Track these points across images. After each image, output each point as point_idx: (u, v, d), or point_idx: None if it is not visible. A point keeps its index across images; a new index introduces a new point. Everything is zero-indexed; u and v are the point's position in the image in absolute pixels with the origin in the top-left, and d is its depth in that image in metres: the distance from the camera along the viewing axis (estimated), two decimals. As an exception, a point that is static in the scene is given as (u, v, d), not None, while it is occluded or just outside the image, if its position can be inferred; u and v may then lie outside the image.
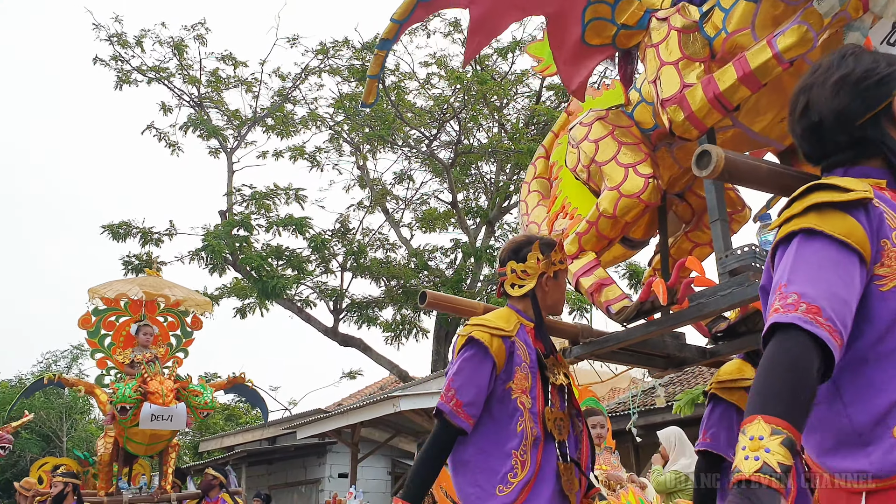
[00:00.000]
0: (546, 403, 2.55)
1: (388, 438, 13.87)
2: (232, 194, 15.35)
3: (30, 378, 28.05)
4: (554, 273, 2.69)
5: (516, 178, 16.20)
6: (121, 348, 8.25)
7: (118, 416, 7.18)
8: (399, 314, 16.21)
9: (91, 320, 8.31)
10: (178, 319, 8.75)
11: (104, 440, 7.97)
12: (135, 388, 7.18)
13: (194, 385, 7.56)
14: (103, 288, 8.45)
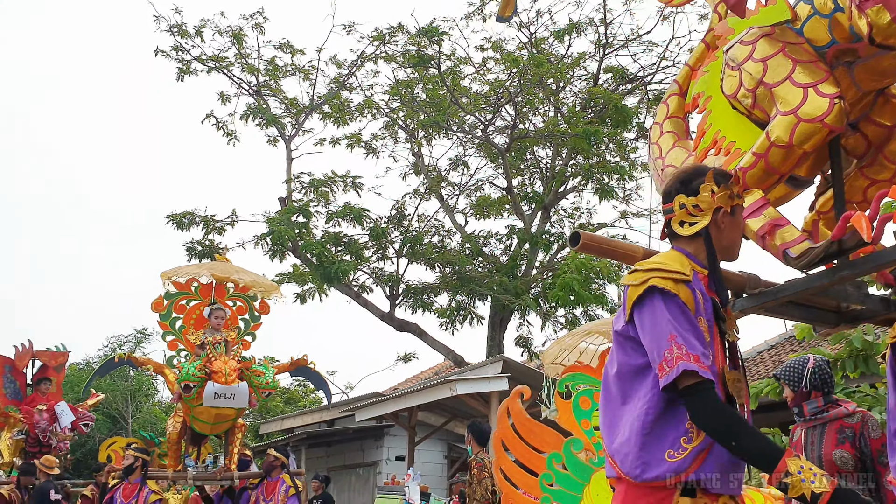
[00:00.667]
0: (724, 361, 2.25)
1: (445, 422, 13.95)
2: (291, 182, 15.57)
3: (96, 361, 28.99)
4: (731, 208, 2.33)
5: (572, 163, 16.06)
6: (192, 330, 8.48)
7: (183, 395, 7.38)
8: (454, 300, 16.25)
9: (163, 303, 8.56)
10: (247, 304, 8.97)
11: (173, 419, 8.24)
12: (199, 367, 7.34)
13: (257, 365, 7.72)
14: (175, 272, 8.71)
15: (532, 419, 5.17)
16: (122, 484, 7.70)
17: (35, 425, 11.15)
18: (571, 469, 4.95)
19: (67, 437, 11.54)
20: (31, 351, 12.03)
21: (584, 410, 5.37)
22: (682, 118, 3.36)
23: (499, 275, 14.96)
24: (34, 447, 11.39)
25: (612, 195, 15.73)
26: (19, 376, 11.87)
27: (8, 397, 11.60)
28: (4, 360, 11.86)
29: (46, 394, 11.72)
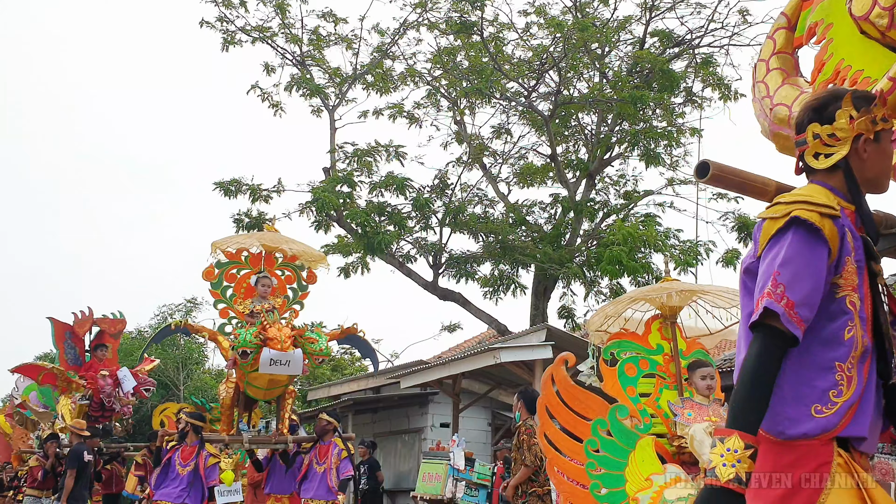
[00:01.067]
0: (873, 306, 2.03)
1: (488, 390, 14.01)
2: (335, 152, 15.63)
3: (148, 330, 29.71)
4: (875, 134, 2.09)
5: (618, 129, 15.80)
6: (241, 299, 8.62)
7: (239, 361, 7.49)
8: (497, 269, 16.23)
9: (214, 272, 8.69)
10: (295, 273, 9.08)
11: (226, 385, 8.40)
12: (255, 333, 7.43)
13: (310, 333, 7.79)
14: (225, 242, 8.85)
15: (577, 386, 5.16)
16: (181, 447, 7.94)
17: (100, 390, 11.43)
18: (617, 435, 4.94)
19: (130, 402, 11.84)
20: (92, 318, 12.32)
21: (629, 377, 5.35)
22: (791, 53, 3.10)
23: (542, 244, 14.87)
24: (97, 411, 11.66)
25: (658, 162, 15.46)
26: (79, 342, 12.17)
27: (69, 363, 11.93)
28: (65, 327, 12.16)
29: (103, 360, 11.99)
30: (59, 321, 12.12)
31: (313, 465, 8.10)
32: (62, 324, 12.15)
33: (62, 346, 11.90)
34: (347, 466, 8.07)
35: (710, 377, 5.31)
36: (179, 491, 7.70)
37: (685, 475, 4.83)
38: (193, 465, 7.79)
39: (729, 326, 5.79)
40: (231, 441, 8.07)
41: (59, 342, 11.86)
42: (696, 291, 5.60)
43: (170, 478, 7.84)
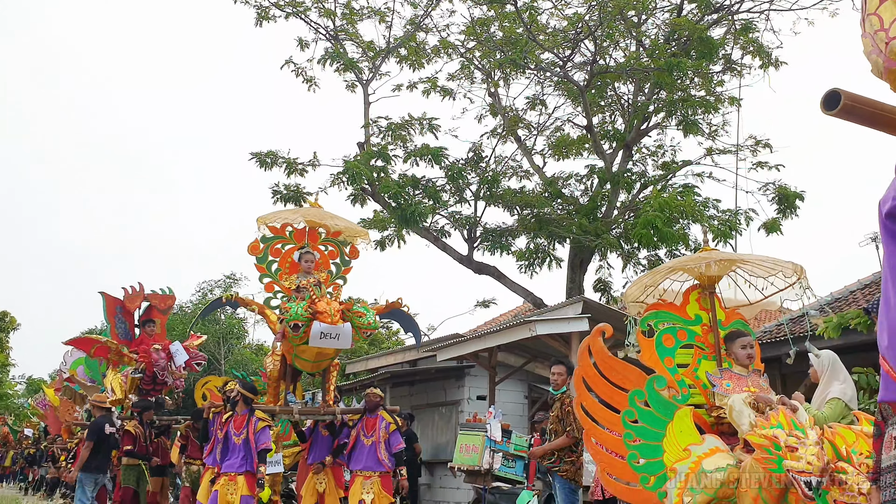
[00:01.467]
0: None
1: (524, 363, 14.01)
2: (369, 126, 15.61)
3: (190, 306, 30.25)
4: None
5: (655, 99, 15.54)
6: (286, 274, 8.78)
7: (290, 334, 7.61)
8: (532, 243, 16.14)
9: (259, 247, 8.85)
10: (338, 248, 9.22)
11: (272, 358, 8.54)
12: (305, 307, 7.54)
13: (358, 307, 7.89)
14: (270, 217, 8.99)
15: (614, 357, 5.13)
16: (233, 417, 8.12)
17: (154, 364, 11.66)
18: (654, 406, 4.91)
19: (181, 376, 12.10)
20: (142, 293, 12.54)
21: (667, 348, 5.31)
22: None
23: (578, 216, 14.74)
24: (149, 385, 11.91)
25: (697, 131, 15.19)
26: (129, 317, 12.40)
27: (120, 337, 12.16)
28: (116, 302, 12.35)
29: (153, 335, 12.22)
30: (111, 296, 12.34)
31: (361, 438, 8.26)
32: (113, 298, 12.34)
33: (113, 320, 12.14)
34: (398, 440, 8.22)
35: (749, 347, 5.24)
36: (241, 460, 7.95)
37: (724, 445, 4.80)
38: (245, 434, 7.99)
39: (769, 296, 5.69)
40: (281, 412, 8.21)
41: (111, 317, 12.11)
42: (735, 260, 5.51)
43: (229, 449, 8.05)
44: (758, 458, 4.32)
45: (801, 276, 5.33)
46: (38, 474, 23.14)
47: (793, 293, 5.47)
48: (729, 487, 4.55)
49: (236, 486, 7.90)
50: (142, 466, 10.96)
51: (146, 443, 11.12)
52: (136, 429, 11.01)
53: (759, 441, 4.32)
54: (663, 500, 4.75)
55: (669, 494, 4.72)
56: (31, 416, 26.48)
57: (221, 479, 7.97)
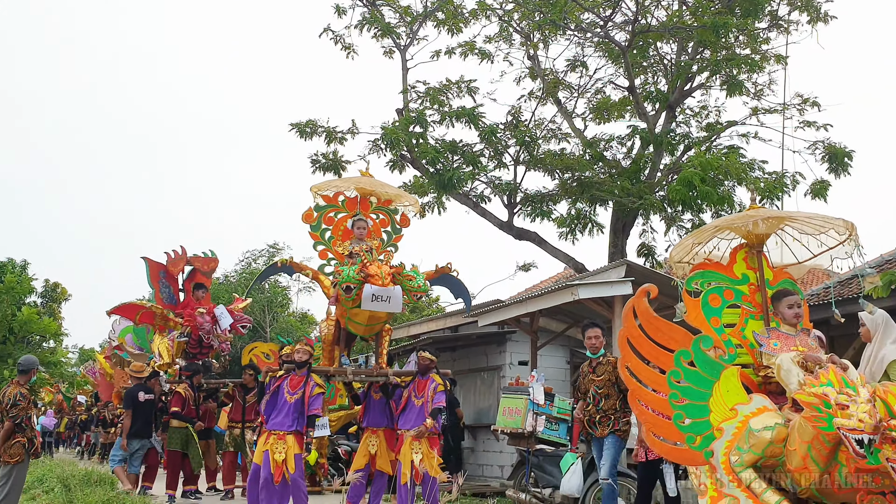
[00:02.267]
0: None
1: (566, 328, 13.96)
2: (407, 92, 15.52)
3: (234, 275, 30.70)
4: None
5: (699, 58, 15.17)
6: (339, 241, 9.00)
7: (342, 296, 7.79)
8: (573, 208, 15.98)
9: (313, 215, 9.08)
10: (389, 217, 9.44)
11: (327, 322, 8.87)
12: (357, 270, 7.74)
13: (408, 271, 8.04)
14: (323, 186, 9.22)
15: (659, 318, 5.08)
16: (289, 376, 8.24)
17: (199, 327, 11.85)
18: (700, 366, 4.87)
19: (227, 339, 12.27)
20: (185, 257, 12.60)
21: (713, 308, 5.25)
22: None
23: (621, 179, 14.54)
24: (196, 348, 12.10)
25: (742, 90, 14.82)
26: (173, 282, 12.52)
27: (164, 301, 12.29)
28: (159, 266, 12.44)
29: (201, 299, 12.36)
30: (154, 261, 12.46)
31: (412, 399, 8.46)
32: (156, 263, 12.44)
33: (157, 285, 12.25)
34: (440, 398, 8.34)
35: (797, 306, 5.15)
36: (290, 420, 8.01)
37: (772, 405, 4.75)
38: (300, 394, 8.08)
39: (818, 254, 5.57)
40: (336, 373, 8.42)
41: (154, 281, 12.25)
42: (783, 218, 5.39)
43: (279, 407, 8.11)
44: (807, 417, 4.27)
45: (852, 233, 5.20)
46: (90, 439, 23.92)
47: (843, 251, 5.35)
48: (777, 446, 4.51)
49: (285, 444, 7.92)
50: (189, 430, 11.17)
51: (195, 406, 11.34)
52: (187, 391, 11.19)
53: (808, 399, 4.27)
54: (709, 460, 4.73)
55: (716, 454, 4.70)
56: (83, 383, 27.28)
57: (270, 437, 7.99)
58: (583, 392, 7.79)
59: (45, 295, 37.15)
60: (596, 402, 7.54)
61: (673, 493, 7.26)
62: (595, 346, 7.70)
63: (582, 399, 7.79)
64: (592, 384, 7.62)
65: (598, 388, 7.56)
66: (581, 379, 7.88)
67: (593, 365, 7.75)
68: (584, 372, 7.81)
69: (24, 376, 8.36)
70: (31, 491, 11.90)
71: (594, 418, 7.56)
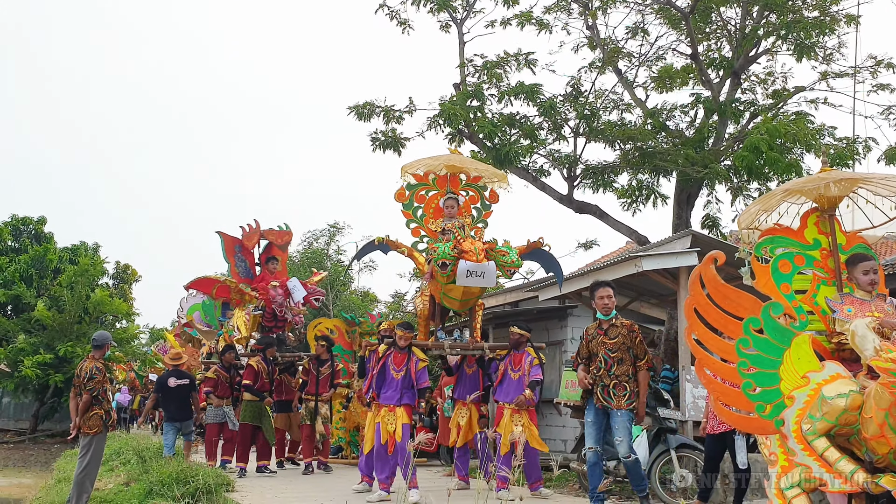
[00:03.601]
0: None
1: (629, 302, 13.78)
2: (464, 66, 15.44)
3: (297, 256, 31.24)
4: None
5: (765, 22, 14.66)
6: (431, 219, 9.26)
7: (438, 272, 7.98)
8: (635, 179, 15.70)
9: (405, 194, 9.34)
10: (478, 193, 9.61)
11: (421, 298, 9.12)
12: (451, 247, 7.92)
13: (500, 246, 8.16)
14: (414, 165, 9.44)
15: (727, 284, 4.95)
16: (392, 353, 8.50)
17: (271, 300, 11.93)
18: (770, 333, 4.74)
19: (301, 311, 12.32)
20: (259, 230, 12.65)
21: (783, 274, 5.10)
22: None
23: (684, 148, 14.20)
24: (270, 322, 12.19)
25: (810, 54, 14.29)
26: (249, 256, 12.60)
27: (240, 276, 12.41)
28: (234, 241, 12.52)
29: (275, 272, 12.44)
30: (229, 235, 12.51)
31: (508, 372, 8.77)
32: (231, 238, 12.51)
33: (233, 259, 12.35)
34: (537, 371, 8.55)
35: (872, 272, 4.97)
36: (399, 394, 8.33)
37: (845, 372, 4.60)
38: (405, 370, 8.34)
39: (894, 218, 5.34)
40: (433, 346, 8.68)
41: (230, 255, 12.37)
42: (857, 180, 5.18)
43: (387, 382, 8.44)
44: (884, 383, 4.13)
45: (931, 194, 4.98)
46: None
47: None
48: (852, 414, 4.38)
49: (395, 416, 8.24)
50: (262, 404, 11.32)
51: (269, 379, 11.43)
52: (259, 364, 11.23)
53: (885, 365, 4.12)
54: (780, 428, 4.62)
55: (787, 422, 4.59)
56: (155, 362, 28.18)
57: (381, 410, 8.36)
58: (584, 357, 7.44)
59: (116, 276, 38.39)
60: (608, 367, 7.20)
61: (744, 466, 7.15)
62: (608, 306, 7.36)
63: (583, 363, 7.42)
64: (603, 347, 7.26)
65: (610, 352, 7.23)
66: (586, 342, 7.49)
67: (604, 327, 7.37)
68: (592, 334, 7.45)
69: (98, 351, 8.66)
70: (109, 463, 12.41)
71: (607, 385, 7.19)
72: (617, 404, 7.10)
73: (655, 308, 14.45)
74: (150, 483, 8.84)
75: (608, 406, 7.14)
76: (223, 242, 12.44)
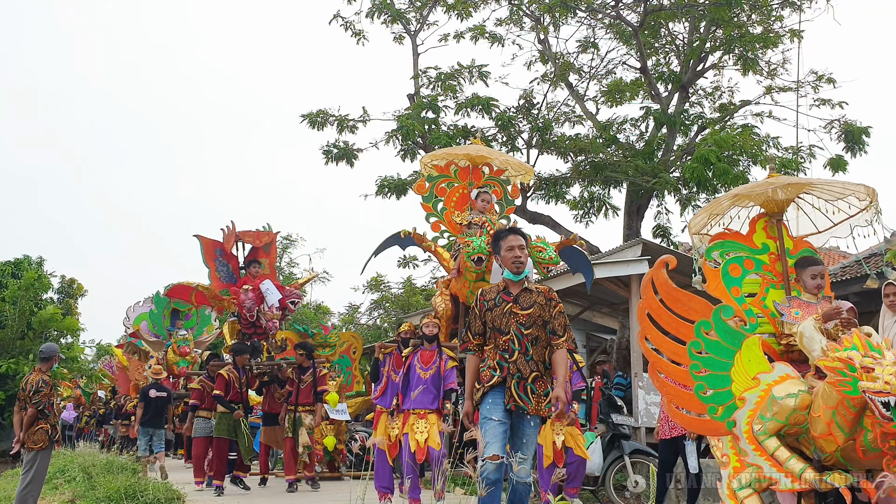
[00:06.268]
0: None
1: (580, 311, 13.93)
2: (418, 77, 15.49)
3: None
4: None
5: (712, 37, 15.03)
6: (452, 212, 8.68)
7: (473, 267, 7.39)
8: (587, 191, 15.92)
9: (425, 186, 8.79)
10: (501, 187, 9.08)
11: (441, 298, 8.33)
12: (486, 240, 7.28)
13: (536, 242, 7.59)
14: (434, 156, 8.92)
15: (678, 288, 5.03)
16: (419, 351, 7.65)
17: (241, 304, 11.06)
18: (721, 336, 4.82)
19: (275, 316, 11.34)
20: (234, 232, 11.66)
21: (733, 278, 5.20)
22: None
23: (634, 160, 14.46)
24: (248, 328, 11.26)
25: (756, 68, 14.68)
26: (231, 259, 11.68)
27: (222, 281, 11.49)
28: (214, 244, 11.60)
29: (258, 276, 11.45)
30: (208, 238, 11.65)
31: None
32: (211, 241, 11.64)
33: (213, 263, 11.51)
34: (577, 379, 7.84)
35: (820, 276, 5.10)
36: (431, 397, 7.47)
37: (794, 372, 4.70)
38: (435, 369, 7.51)
39: (839, 223, 5.49)
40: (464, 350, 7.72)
41: (210, 260, 11.51)
42: (803, 184, 5.32)
43: (413, 384, 7.55)
44: (832, 382, 4.22)
45: (873, 199, 5.13)
46: (108, 433, 24.10)
47: (864, 218, 5.28)
48: (801, 413, 4.47)
49: (427, 423, 7.33)
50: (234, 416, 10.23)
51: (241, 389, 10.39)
52: (230, 373, 10.32)
53: (832, 365, 4.22)
54: (732, 430, 4.69)
55: (739, 423, 4.66)
56: (101, 378, 27.49)
57: (409, 417, 7.41)
58: (476, 331, 5.11)
59: (61, 291, 37.39)
60: (523, 348, 4.94)
61: (695, 470, 7.24)
62: (519, 260, 5.07)
63: (475, 338, 5.12)
64: (514, 320, 4.97)
65: (523, 327, 4.97)
66: (482, 310, 5.08)
67: (513, 293, 5.05)
68: (493, 300, 5.06)
69: (45, 363, 8.37)
70: (53, 481, 12.00)
71: (524, 377, 4.91)
72: (535, 408, 4.92)
73: (607, 317, 14.62)
74: (96, 500, 8.56)
75: (523, 409, 4.88)
76: (202, 246, 11.56)
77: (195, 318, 14.51)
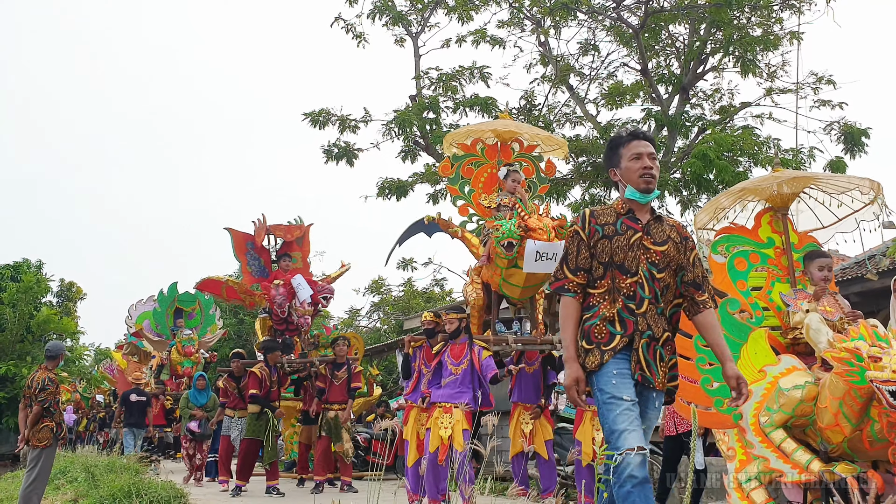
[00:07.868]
0: None
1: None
2: (420, 78, 15.54)
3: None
4: None
5: (712, 39, 15.09)
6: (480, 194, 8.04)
7: (504, 253, 6.86)
8: (588, 193, 15.95)
9: (450, 167, 8.14)
10: (533, 165, 8.39)
11: (473, 286, 7.77)
12: (517, 224, 6.83)
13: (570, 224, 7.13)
14: (460, 135, 8.30)
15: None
16: (449, 345, 7.21)
17: (271, 300, 10.68)
18: (727, 329, 4.85)
19: (307, 312, 10.90)
20: (265, 225, 11.28)
21: (739, 271, 5.23)
22: None
23: (635, 161, 14.47)
24: (280, 324, 10.88)
25: (755, 70, 14.74)
26: (262, 253, 11.30)
27: (253, 275, 11.13)
28: (245, 237, 11.18)
29: (289, 270, 11.05)
30: (239, 231, 11.26)
31: None
32: (242, 234, 11.24)
33: (244, 258, 11.17)
34: None
35: (827, 269, 5.12)
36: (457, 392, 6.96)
37: (801, 364, 4.73)
38: (468, 363, 6.99)
39: (844, 218, 5.52)
40: (496, 341, 7.38)
41: (241, 254, 11.18)
42: (808, 179, 5.35)
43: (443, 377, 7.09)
44: (839, 372, 4.25)
45: (878, 193, 5.17)
46: (108, 436, 24.06)
47: (869, 213, 5.31)
48: (807, 405, 4.49)
49: (451, 417, 6.81)
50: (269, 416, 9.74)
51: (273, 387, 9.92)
52: (262, 371, 9.83)
53: (839, 355, 4.25)
54: (738, 422, 4.72)
55: (745, 415, 4.69)
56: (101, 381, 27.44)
57: (434, 411, 6.94)
58: (580, 265, 3.53)
59: (60, 294, 37.34)
60: (654, 297, 3.46)
61: (701, 467, 7.23)
62: (651, 173, 3.56)
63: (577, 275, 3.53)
64: (644, 257, 3.48)
65: (655, 269, 3.49)
66: (592, 236, 3.54)
67: (641, 220, 3.55)
68: (612, 224, 3.54)
69: (51, 361, 8.35)
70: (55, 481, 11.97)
71: (656, 338, 3.46)
72: (662, 381, 3.50)
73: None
74: (100, 498, 8.54)
75: (650, 381, 3.44)
76: (233, 240, 11.17)
77: (199, 318, 14.39)
